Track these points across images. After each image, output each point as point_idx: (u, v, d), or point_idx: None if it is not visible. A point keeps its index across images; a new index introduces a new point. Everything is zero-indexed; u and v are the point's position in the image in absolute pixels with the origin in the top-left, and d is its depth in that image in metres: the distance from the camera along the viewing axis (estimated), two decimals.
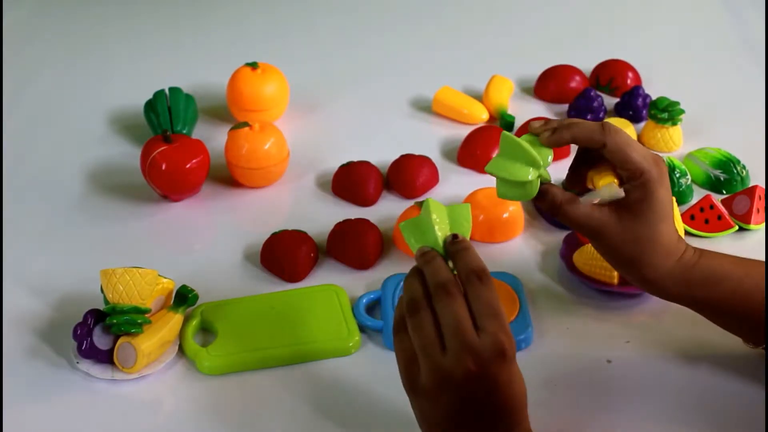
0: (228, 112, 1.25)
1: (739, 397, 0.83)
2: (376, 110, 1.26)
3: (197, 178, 1.07)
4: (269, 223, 1.02)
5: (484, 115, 1.24)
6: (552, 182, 0.79)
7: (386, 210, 1.07)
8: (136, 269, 0.85)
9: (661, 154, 1.16)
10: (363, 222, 1.01)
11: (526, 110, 1.27)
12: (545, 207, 0.79)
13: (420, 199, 1.05)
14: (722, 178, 1.10)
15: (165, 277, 0.88)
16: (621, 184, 0.78)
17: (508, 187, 0.78)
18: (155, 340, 0.84)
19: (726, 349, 0.87)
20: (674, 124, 1.17)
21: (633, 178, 0.77)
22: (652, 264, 0.79)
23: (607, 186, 0.78)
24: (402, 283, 0.92)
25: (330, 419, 0.81)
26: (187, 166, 1.05)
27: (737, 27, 1.51)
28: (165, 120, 1.19)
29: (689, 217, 1.03)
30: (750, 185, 1.09)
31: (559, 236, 1.01)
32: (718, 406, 0.82)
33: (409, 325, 0.69)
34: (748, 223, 1.03)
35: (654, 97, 1.22)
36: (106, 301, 0.85)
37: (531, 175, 0.76)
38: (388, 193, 1.11)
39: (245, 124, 1.08)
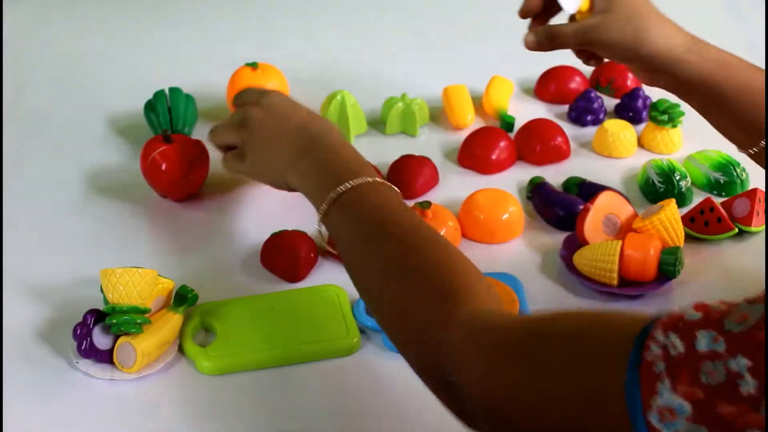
0: (228, 112, 1.24)
1: None
2: (376, 110, 1.26)
3: (197, 178, 1.07)
4: (269, 223, 1.02)
5: (470, 116, 1.24)
6: None
7: None
8: (136, 269, 0.85)
9: (661, 156, 1.16)
10: None
11: (527, 111, 1.27)
12: (546, 44, 0.95)
13: (420, 200, 1.05)
14: (722, 181, 1.11)
15: (165, 277, 0.88)
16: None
17: None
18: (155, 340, 0.84)
19: None
20: (674, 126, 1.17)
21: None
22: (653, 36, 0.90)
23: None
24: None
25: (330, 419, 0.81)
26: (187, 166, 1.05)
27: (737, 27, 1.51)
28: (165, 120, 1.19)
29: (689, 220, 1.03)
30: (750, 188, 1.09)
31: (559, 237, 1.01)
32: None
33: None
34: (749, 225, 1.03)
35: (654, 99, 1.22)
36: (106, 301, 0.85)
37: None
38: None
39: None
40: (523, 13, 0.99)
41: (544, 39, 0.95)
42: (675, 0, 1.06)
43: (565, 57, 1.36)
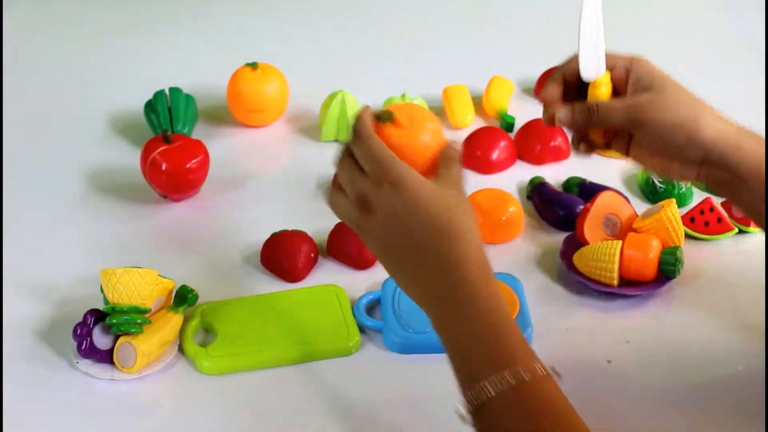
0: (228, 112, 1.25)
1: (740, 397, 0.83)
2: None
3: (197, 178, 1.07)
4: (269, 223, 1.02)
5: (470, 116, 1.24)
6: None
7: None
8: (136, 269, 0.85)
9: None
10: None
11: (527, 111, 1.27)
12: (583, 120, 0.81)
13: None
14: None
15: (165, 277, 0.88)
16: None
17: None
18: (155, 340, 0.84)
19: (726, 349, 0.87)
20: None
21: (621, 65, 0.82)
22: (708, 118, 0.79)
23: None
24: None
25: (330, 419, 0.81)
26: (187, 166, 1.05)
27: (737, 27, 1.51)
28: (165, 120, 1.19)
29: (689, 220, 1.03)
30: None
31: (559, 237, 1.01)
32: (718, 406, 0.82)
33: (337, 170, 0.77)
34: (748, 225, 1.03)
35: None
36: (106, 301, 0.85)
37: None
38: None
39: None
40: (543, 99, 0.86)
41: (580, 114, 0.82)
42: (675, 0, 1.06)
43: (565, 57, 1.36)
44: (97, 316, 0.85)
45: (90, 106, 1.29)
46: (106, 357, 0.84)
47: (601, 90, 0.83)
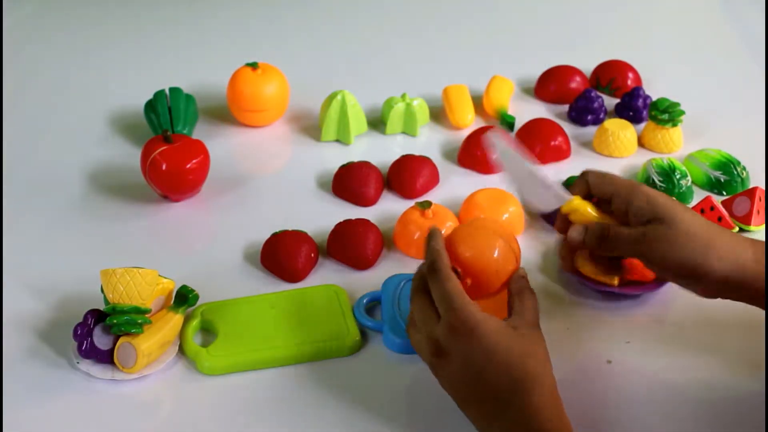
0: (228, 112, 1.25)
1: (740, 397, 0.83)
2: (376, 110, 1.26)
3: (197, 178, 1.07)
4: (269, 223, 1.02)
5: (470, 116, 1.24)
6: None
7: (386, 210, 1.07)
8: (136, 269, 0.85)
9: (661, 156, 1.16)
10: (363, 222, 1.01)
11: (527, 111, 1.27)
12: (594, 245, 0.82)
13: (420, 200, 1.05)
14: (722, 180, 1.11)
15: (165, 277, 0.88)
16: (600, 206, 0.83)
17: None
18: (155, 340, 0.84)
19: (726, 349, 0.87)
20: (674, 125, 1.17)
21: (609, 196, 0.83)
22: (720, 251, 0.78)
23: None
24: (402, 283, 0.93)
25: (330, 419, 0.81)
26: (187, 166, 1.05)
27: (737, 27, 1.51)
28: (165, 120, 1.19)
29: None
30: (750, 186, 1.09)
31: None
32: (718, 406, 0.82)
33: (412, 306, 0.78)
34: (749, 224, 1.03)
35: (654, 98, 1.22)
36: (106, 301, 0.85)
37: None
38: (388, 193, 1.11)
39: None
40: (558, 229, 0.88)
41: (591, 238, 0.82)
42: (675, 1, 1.06)
43: (565, 57, 1.36)
44: (98, 316, 0.85)
45: (90, 106, 1.29)
46: (107, 357, 0.84)
47: (579, 215, 0.82)
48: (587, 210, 0.83)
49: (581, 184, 0.85)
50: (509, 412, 0.72)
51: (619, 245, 0.81)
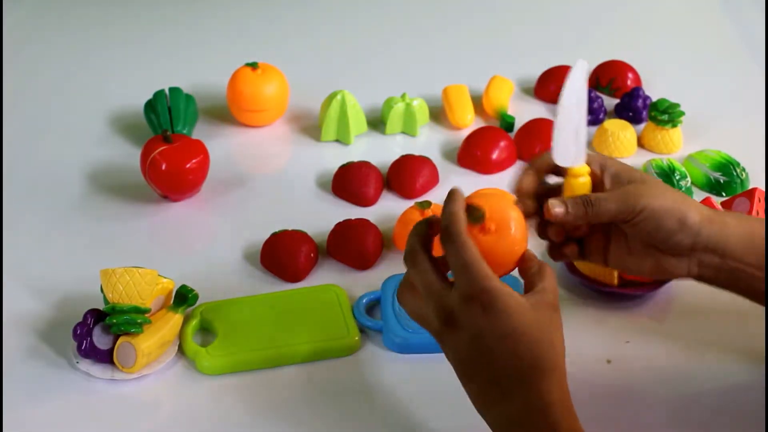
0: (228, 112, 1.25)
1: (739, 397, 0.83)
2: (376, 110, 1.26)
3: (197, 178, 1.07)
4: (269, 223, 1.02)
5: (470, 116, 1.24)
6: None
7: (386, 210, 1.07)
8: (136, 269, 0.85)
9: (660, 156, 1.16)
10: (363, 222, 1.01)
11: (527, 111, 1.27)
12: (578, 214, 0.77)
13: (420, 200, 1.05)
14: (722, 181, 1.11)
15: (165, 277, 0.88)
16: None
17: None
18: (155, 340, 0.84)
19: (726, 348, 0.87)
20: (674, 126, 1.17)
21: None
22: (692, 205, 0.76)
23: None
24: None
25: (330, 419, 0.81)
26: (187, 166, 1.05)
27: (737, 27, 1.51)
28: (165, 120, 1.19)
29: None
30: (749, 187, 1.09)
31: None
32: (718, 406, 0.82)
33: (409, 268, 0.72)
34: None
35: (654, 99, 1.22)
36: (106, 301, 0.85)
37: None
38: (388, 193, 1.11)
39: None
40: (518, 192, 0.81)
41: (574, 207, 0.77)
42: (675, 1, 1.06)
43: (565, 57, 1.36)
44: (97, 316, 0.85)
45: (90, 106, 1.29)
46: (106, 357, 0.84)
47: (580, 181, 0.78)
48: (588, 179, 0.79)
49: (549, 158, 0.80)
50: (514, 400, 0.68)
51: (603, 208, 0.76)
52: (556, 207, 0.77)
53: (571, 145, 0.77)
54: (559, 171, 0.79)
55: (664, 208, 0.75)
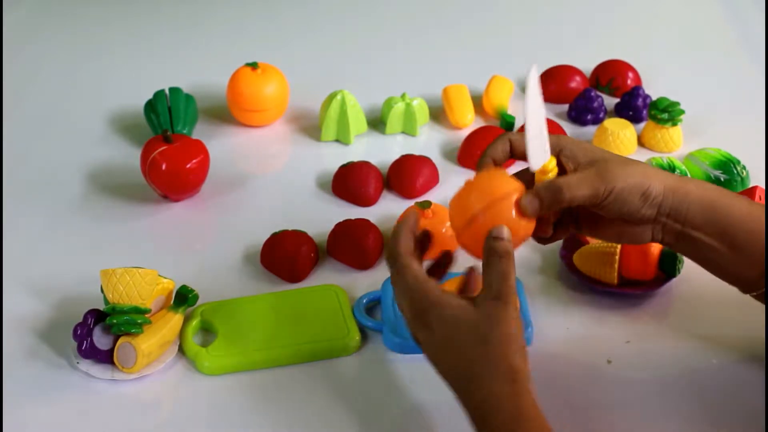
0: (228, 112, 1.25)
1: (740, 397, 0.83)
2: (376, 110, 1.26)
3: (197, 178, 1.07)
4: (269, 223, 1.02)
5: (470, 116, 1.24)
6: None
7: (386, 210, 1.07)
8: (136, 269, 0.85)
9: (661, 155, 1.16)
10: (363, 222, 1.01)
11: None
12: (553, 202, 0.76)
13: (420, 199, 1.05)
14: (722, 179, 1.10)
15: (165, 277, 0.88)
16: None
17: None
18: (155, 340, 0.84)
19: (726, 348, 0.87)
20: (674, 124, 1.17)
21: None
22: (655, 176, 0.78)
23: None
24: None
25: (330, 419, 0.81)
26: (187, 166, 1.05)
27: (737, 27, 1.51)
28: (165, 120, 1.19)
29: None
30: (750, 186, 1.09)
31: None
32: (718, 405, 0.82)
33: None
34: None
35: (654, 98, 1.22)
36: (106, 301, 0.85)
37: None
38: (388, 193, 1.11)
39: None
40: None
41: (547, 193, 0.76)
42: (675, 0, 1.06)
43: (565, 57, 1.36)
44: (97, 316, 0.85)
45: (90, 106, 1.29)
46: (107, 357, 0.85)
47: (549, 176, 0.78)
48: (556, 169, 0.79)
49: (503, 143, 0.81)
50: (469, 405, 0.71)
51: (574, 189, 0.76)
52: (527, 201, 0.76)
53: (538, 146, 0.78)
54: (517, 155, 0.81)
55: (629, 186, 0.77)
